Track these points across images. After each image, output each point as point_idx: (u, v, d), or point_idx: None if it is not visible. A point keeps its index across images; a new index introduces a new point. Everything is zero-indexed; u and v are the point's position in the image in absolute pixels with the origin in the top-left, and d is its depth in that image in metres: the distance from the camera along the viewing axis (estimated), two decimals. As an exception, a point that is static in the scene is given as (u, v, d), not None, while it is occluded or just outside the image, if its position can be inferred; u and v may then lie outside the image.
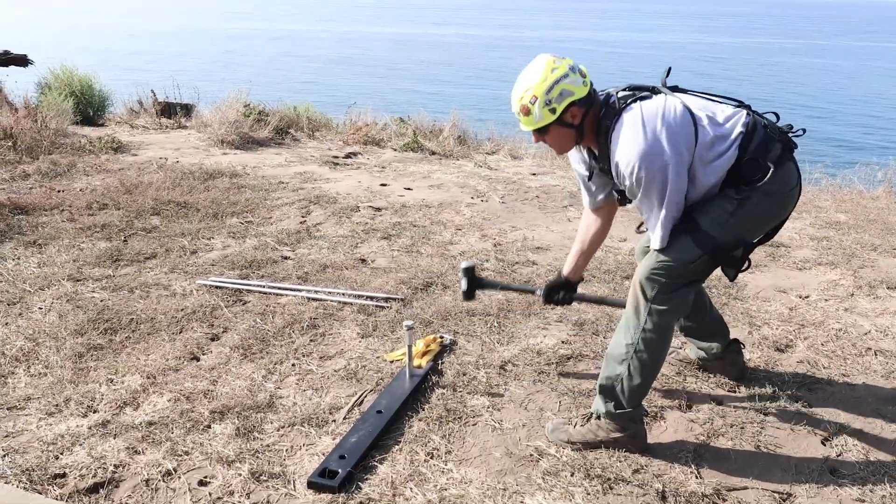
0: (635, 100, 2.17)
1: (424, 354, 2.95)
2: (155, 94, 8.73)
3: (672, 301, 2.25)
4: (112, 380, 2.78)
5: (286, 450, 2.37)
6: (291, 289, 3.64)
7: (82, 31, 37.13)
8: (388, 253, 4.25)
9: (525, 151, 7.51)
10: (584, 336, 3.20)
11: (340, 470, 2.20)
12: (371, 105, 8.98)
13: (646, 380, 2.30)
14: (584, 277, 3.44)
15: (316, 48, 33.59)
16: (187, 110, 8.64)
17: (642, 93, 2.21)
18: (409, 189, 5.75)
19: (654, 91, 2.23)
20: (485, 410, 2.61)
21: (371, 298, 3.54)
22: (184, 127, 8.19)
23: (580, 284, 2.79)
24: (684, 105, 2.16)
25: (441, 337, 3.10)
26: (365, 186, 5.76)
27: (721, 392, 2.75)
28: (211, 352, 3.04)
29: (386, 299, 3.54)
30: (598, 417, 2.37)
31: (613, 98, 2.22)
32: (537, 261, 4.12)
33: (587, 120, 2.23)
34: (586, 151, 2.39)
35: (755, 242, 2.33)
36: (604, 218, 2.58)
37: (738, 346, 2.80)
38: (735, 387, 2.78)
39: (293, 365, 2.93)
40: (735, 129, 2.18)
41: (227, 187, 5.52)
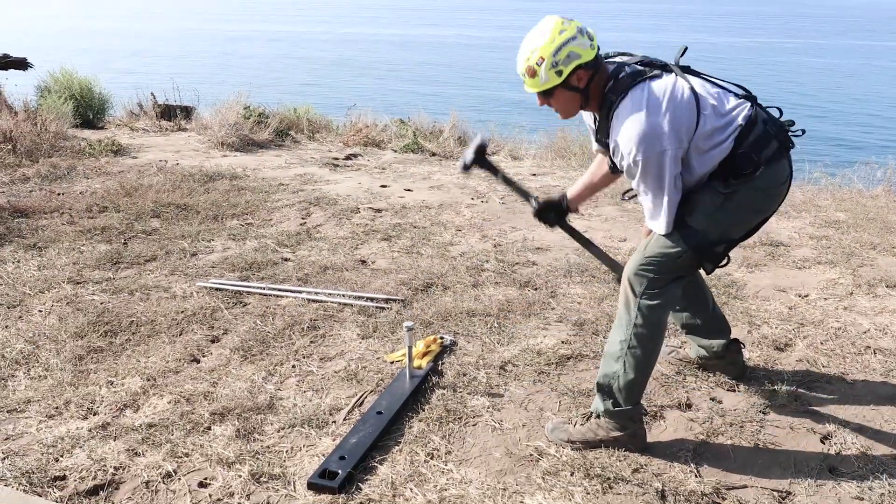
0: (644, 79, 2.12)
1: (424, 355, 2.95)
2: (155, 97, 8.74)
3: (661, 296, 2.26)
4: (112, 382, 2.79)
5: (286, 451, 2.37)
6: (292, 290, 3.64)
7: (82, 34, 37.14)
8: (389, 254, 4.25)
9: (525, 152, 7.52)
10: (584, 336, 3.20)
11: (340, 471, 2.21)
12: (371, 106, 9.00)
13: (641, 375, 2.31)
14: (580, 211, 3.30)
15: (316, 50, 33.59)
16: (187, 113, 8.65)
17: (653, 70, 2.15)
18: (410, 190, 5.75)
19: (666, 69, 2.17)
20: (485, 411, 2.61)
21: (371, 300, 3.55)
22: (184, 129, 8.19)
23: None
24: (692, 90, 2.11)
25: (441, 338, 3.11)
26: (365, 188, 5.77)
27: (720, 391, 2.75)
28: (211, 353, 3.04)
29: (386, 300, 3.55)
30: (598, 417, 2.38)
31: (624, 73, 2.15)
32: (537, 261, 4.13)
33: (593, 85, 2.17)
34: (594, 116, 2.35)
35: (738, 238, 2.32)
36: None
37: (738, 346, 2.80)
38: (734, 386, 2.78)
39: (293, 366, 2.94)
40: (735, 122, 2.15)
41: (228, 189, 5.52)
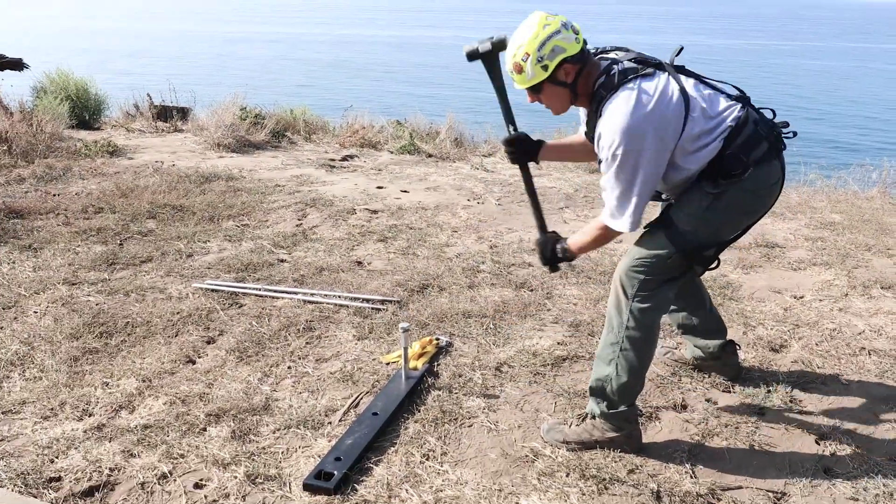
0: (636, 76, 2.11)
1: (420, 356, 2.95)
2: (151, 98, 8.73)
3: (653, 298, 2.26)
4: (107, 383, 2.78)
5: (282, 452, 2.37)
6: (287, 292, 3.64)
7: (79, 35, 37.09)
8: (385, 255, 4.25)
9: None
10: (580, 337, 3.21)
11: (336, 472, 2.21)
12: (368, 108, 8.99)
13: (634, 378, 2.31)
14: (541, 165, 3.25)
15: (313, 51, 33.58)
16: (183, 114, 8.63)
17: (646, 69, 2.14)
18: (406, 191, 5.75)
19: (660, 68, 2.17)
20: (480, 412, 2.61)
21: (367, 301, 3.55)
22: (180, 130, 8.18)
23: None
24: (682, 91, 2.11)
25: (437, 339, 3.11)
26: (361, 189, 5.77)
27: (716, 392, 2.76)
28: (207, 355, 3.04)
29: (382, 301, 3.55)
30: (593, 418, 2.38)
31: (615, 70, 2.15)
32: (533, 262, 4.13)
33: (581, 79, 2.17)
34: (583, 113, 2.35)
35: (728, 240, 2.31)
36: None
37: (734, 347, 2.81)
38: (730, 387, 2.79)
39: (289, 367, 2.93)
40: (724, 123, 2.14)
41: (224, 190, 5.52)
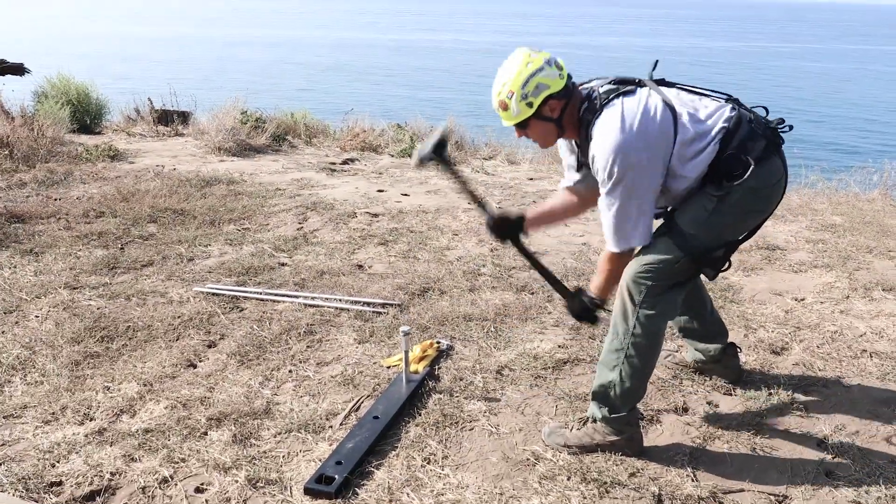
0: (617, 95, 2.15)
1: (421, 360, 2.95)
2: (152, 102, 8.75)
3: (660, 304, 2.25)
4: (108, 387, 2.78)
5: (283, 456, 2.37)
6: (288, 295, 3.64)
7: (80, 39, 37.16)
8: (385, 259, 4.25)
9: (522, 157, 7.52)
10: (581, 340, 3.21)
11: (337, 476, 2.20)
12: (368, 111, 9.02)
13: (638, 383, 2.30)
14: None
15: (313, 55, 33.65)
16: (184, 118, 8.65)
17: (626, 87, 2.18)
18: (406, 195, 5.76)
19: (640, 84, 2.20)
20: (481, 415, 2.61)
21: (368, 304, 3.55)
22: (181, 134, 8.20)
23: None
24: (665, 102, 2.13)
25: (438, 342, 3.11)
26: (362, 192, 5.77)
27: (717, 395, 2.76)
28: (208, 359, 3.04)
29: (383, 305, 3.55)
30: (595, 421, 2.37)
31: (596, 93, 2.20)
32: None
33: (567, 113, 2.21)
34: (574, 143, 2.37)
35: (739, 240, 2.31)
36: (579, 203, 2.53)
37: (735, 350, 2.81)
38: (731, 389, 2.79)
39: (290, 371, 2.93)
40: (717, 125, 2.15)
41: (224, 194, 5.52)
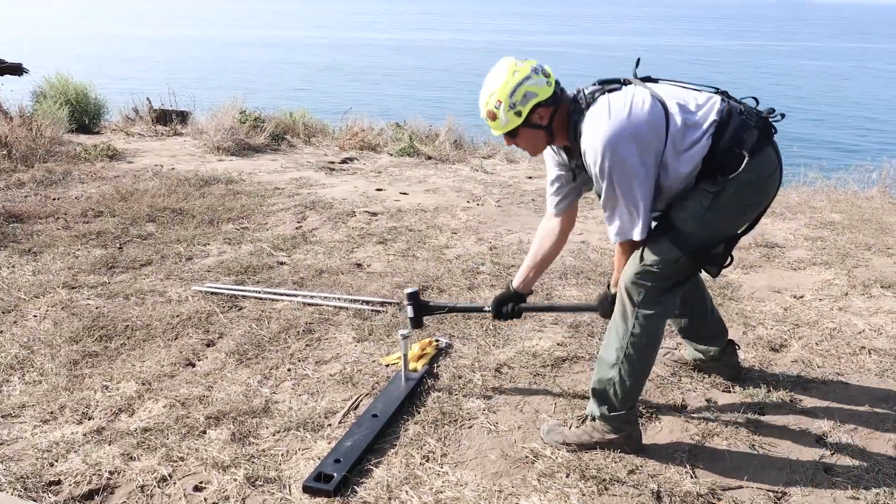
0: (602, 93, 2.15)
1: (420, 358, 2.95)
2: (150, 102, 8.75)
3: (659, 305, 2.25)
4: (107, 386, 2.78)
5: (282, 454, 2.37)
6: (287, 294, 3.64)
7: (79, 39, 37.14)
8: (384, 257, 4.25)
9: (521, 155, 7.52)
10: (580, 338, 3.21)
11: (336, 474, 2.20)
12: (367, 111, 9.02)
13: (637, 382, 2.31)
14: (534, 291, 3.38)
15: (312, 55, 33.64)
16: (183, 117, 8.65)
17: (611, 85, 2.18)
18: (405, 194, 5.76)
19: (625, 83, 2.19)
20: (480, 413, 2.61)
21: (367, 303, 3.55)
22: (179, 134, 8.20)
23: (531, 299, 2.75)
24: (653, 95, 2.12)
25: (437, 340, 3.11)
26: (361, 191, 5.77)
27: (716, 392, 2.76)
28: (206, 357, 3.04)
29: (382, 303, 3.55)
30: (593, 419, 2.37)
31: (581, 94, 2.19)
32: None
33: (556, 120, 2.20)
34: (564, 152, 2.36)
35: (738, 234, 2.29)
36: (562, 227, 2.55)
37: (733, 347, 2.80)
38: (730, 387, 2.79)
39: (289, 370, 2.93)
40: (708, 118, 2.13)
41: (223, 193, 5.52)
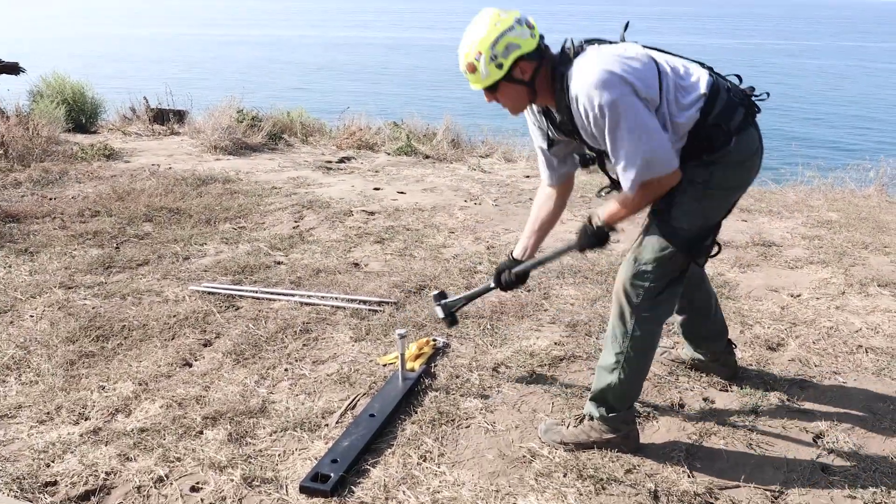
0: (591, 43, 2.09)
1: (417, 357, 2.94)
2: (147, 101, 8.73)
3: (658, 305, 2.24)
4: (104, 387, 2.78)
5: (278, 455, 2.36)
6: (284, 294, 3.64)
7: (76, 39, 37.05)
8: (382, 257, 4.25)
9: (519, 154, 7.52)
10: (577, 337, 3.20)
11: (333, 474, 2.20)
12: (365, 110, 9.00)
13: (636, 382, 2.31)
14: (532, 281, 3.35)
15: (309, 54, 33.60)
16: (180, 117, 8.63)
17: (601, 39, 2.13)
18: (403, 193, 5.75)
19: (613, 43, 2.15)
20: (477, 412, 2.61)
21: (364, 302, 3.54)
22: (177, 133, 8.18)
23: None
24: (643, 47, 2.08)
25: (434, 340, 3.10)
26: (358, 191, 5.77)
27: (713, 391, 2.76)
28: (203, 357, 3.03)
29: (379, 303, 3.54)
30: (591, 419, 2.37)
31: (569, 44, 2.09)
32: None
33: (539, 76, 2.08)
34: (545, 118, 2.27)
35: (720, 221, 2.26)
36: (559, 196, 2.51)
37: (731, 347, 2.80)
38: (727, 386, 2.79)
39: (286, 370, 2.93)
40: (699, 87, 2.07)
41: (220, 193, 5.51)
